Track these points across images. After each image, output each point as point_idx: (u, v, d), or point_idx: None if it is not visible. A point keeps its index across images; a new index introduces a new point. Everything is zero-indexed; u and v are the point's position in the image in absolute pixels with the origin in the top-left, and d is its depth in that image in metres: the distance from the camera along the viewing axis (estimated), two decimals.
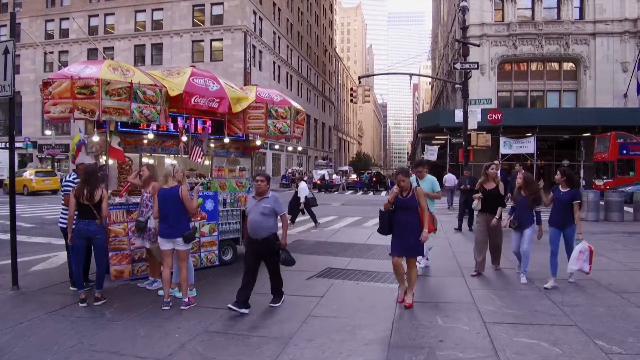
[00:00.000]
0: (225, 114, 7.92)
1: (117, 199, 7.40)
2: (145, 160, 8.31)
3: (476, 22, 36.94)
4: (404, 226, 6.06)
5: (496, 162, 8.44)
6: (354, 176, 47.69)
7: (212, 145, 8.93)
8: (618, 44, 36.63)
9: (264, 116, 8.36)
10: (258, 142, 9.77)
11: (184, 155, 8.32)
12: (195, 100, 7.26)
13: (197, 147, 8.14)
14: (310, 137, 68.39)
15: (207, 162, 9.10)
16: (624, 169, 28.19)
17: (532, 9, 38.16)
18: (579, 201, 7.13)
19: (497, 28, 37.93)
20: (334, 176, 41.98)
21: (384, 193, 39.21)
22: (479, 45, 27.01)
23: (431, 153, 36.39)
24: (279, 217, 6.18)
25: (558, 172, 7.44)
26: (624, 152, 28.12)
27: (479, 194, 8.14)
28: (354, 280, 7.54)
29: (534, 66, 39.36)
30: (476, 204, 8.12)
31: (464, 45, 20.95)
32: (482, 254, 7.99)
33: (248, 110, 8.27)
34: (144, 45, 46.46)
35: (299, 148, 56.89)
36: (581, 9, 37.59)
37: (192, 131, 8.37)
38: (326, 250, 10.18)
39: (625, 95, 35.14)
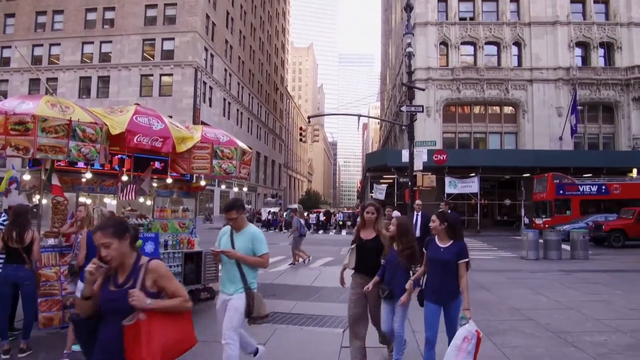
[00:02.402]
0: (169, 154, 7.77)
1: (50, 241, 7.03)
2: (82, 199, 7.99)
3: (422, 66, 38.57)
4: (111, 351, 2.87)
5: (375, 205, 5.55)
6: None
7: (154, 185, 8.70)
8: (553, 90, 39.12)
9: (210, 156, 8.23)
10: (202, 183, 9.62)
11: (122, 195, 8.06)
12: (138, 139, 7.06)
13: (131, 185, 7.88)
14: (259, 174, 68.22)
15: (149, 202, 8.86)
16: (561, 208, 29.56)
17: (475, 55, 40.37)
18: (466, 259, 4.70)
19: (442, 72, 39.67)
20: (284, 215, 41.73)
21: (332, 232, 39.30)
22: (424, 89, 28.04)
23: (379, 192, 36.97)
24: None
25: (434, 217, 4.91)
26: (561, 192, 29.56)
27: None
28: (298, 325, 7.40)
29: (476, 109, 41.22)
30: (349, 260, 5.48)
31: (410, 89, 21.66)
32: (360, 336, 5.29)
33: (193, 150, 8.13)
34: (90, 77, 45.33)
35: (245, 189, 56.47)
36: (519, 57, 40.24)
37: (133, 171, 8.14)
38: (271, 292, 9.96)
39: (560, 138, 37.24)
